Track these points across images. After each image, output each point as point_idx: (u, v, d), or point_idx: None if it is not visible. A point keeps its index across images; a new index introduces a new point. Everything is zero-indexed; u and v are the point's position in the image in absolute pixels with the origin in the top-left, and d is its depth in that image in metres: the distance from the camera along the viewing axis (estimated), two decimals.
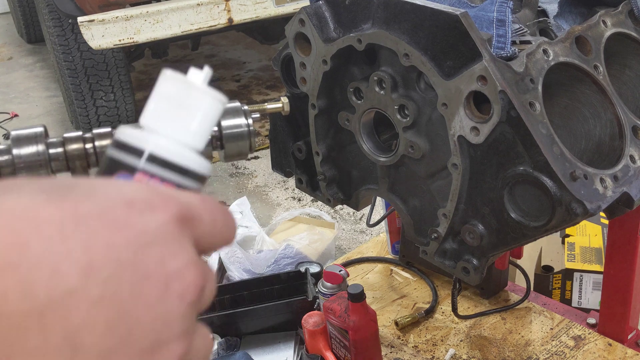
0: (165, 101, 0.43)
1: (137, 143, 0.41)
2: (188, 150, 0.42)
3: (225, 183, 3.43)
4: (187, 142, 0.43)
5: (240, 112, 0.58)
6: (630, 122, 0.99)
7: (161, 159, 0.41)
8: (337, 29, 1.09)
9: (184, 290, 0.33)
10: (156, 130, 0.42)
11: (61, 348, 0.29)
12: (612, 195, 0.90)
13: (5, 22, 6.90)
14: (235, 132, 0.58)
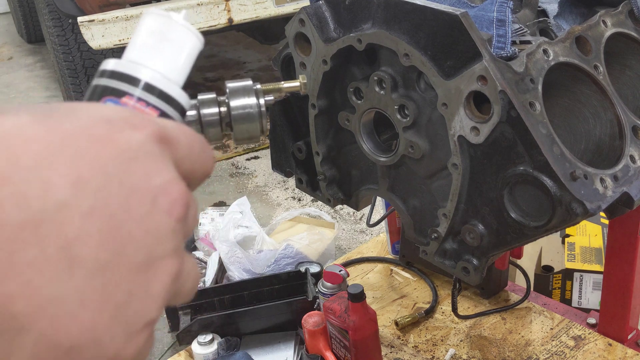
0: (151, 36, 0.45)
1: (132, 72, 0.43)
2: (172, 82, 0.45)
3: (225, 183, 3.43)
4: (171, 75, 0.45)
5: (250, 91, 0.56)
6: (630, 122, 0.99)
7: (151, 86, 0.43)
8: (337, 29, 1.09)
9: (171, 205, 0.33)
10: (143, 63, 0.44)
11: (58, 259, 0.30)
12: (612, 195, 0.90)
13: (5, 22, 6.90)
14: (244, 113, 0.56)
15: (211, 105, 0.56)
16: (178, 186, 0.34)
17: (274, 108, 1.25)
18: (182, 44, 0.45)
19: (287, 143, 1.28)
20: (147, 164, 0.33)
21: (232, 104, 0.56)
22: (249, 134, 0.57)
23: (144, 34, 0.45)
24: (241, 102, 0.56)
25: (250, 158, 3.68)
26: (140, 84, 0.43)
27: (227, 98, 0.56)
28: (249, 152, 3.75)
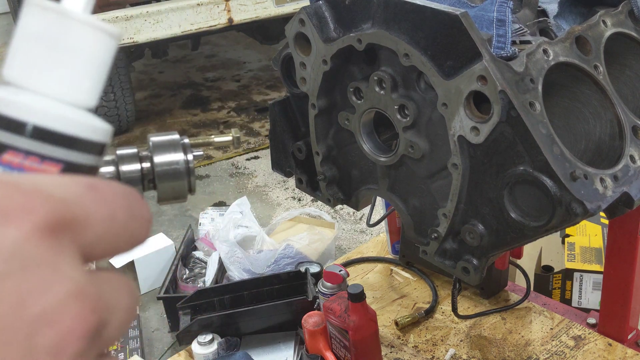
0: (36, 43, 0.31)
1: (11, 111, 0.30)
2: (75, 110, 0.32)
3: (225, 183, 3.43)
4: (72, 99, 0.32)
5: (177, 145, 0.49)
6: (630, 122, 0.99)
7: (43, 130, 0.30)
8: (337, 29, 1.09)
9: (60, 342, 0.23)
10: (27, 86, 0.31)
11: None
12: (612, 195, 0.90)
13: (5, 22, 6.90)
14: (170, 170, 0.49)
15: (132, 161, 0.49)
16: (76, 305, 0.24)
17: (274, 108, 1.25)
18: (86, 48, 0.32)
19: (287, 143, 1.28)
20: (21, 279, 0.23)
21: (157, 159, 0.49)
22: (175, 193, 0.50)
23: (27, 39, 0.31)
24: (167, 158, 0.49)
25: (250, 158, 3.68)
26: (26, 129, 0.30)
27: (150, 153, 0.49)
28: (249, 152, 3.75)
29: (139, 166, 0.49)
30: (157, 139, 0.49)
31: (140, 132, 4.11)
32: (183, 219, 3.09)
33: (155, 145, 0.49)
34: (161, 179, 0.49)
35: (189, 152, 0.49)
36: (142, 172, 0.48)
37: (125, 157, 0.48)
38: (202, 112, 4.37)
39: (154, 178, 0.49)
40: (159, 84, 4.90)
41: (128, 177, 0.48)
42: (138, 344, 2.24)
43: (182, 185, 0.49)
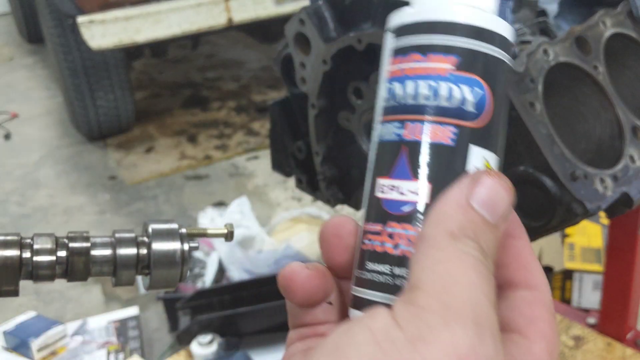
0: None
1: None
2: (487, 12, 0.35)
3: (225, 183, 3.43)
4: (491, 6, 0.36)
5: (175, 234, 0.50)
6: (630, 122, 0.99)
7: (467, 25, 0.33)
8: (337, 29, 1.09)
9: None
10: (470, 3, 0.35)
11: None
12: (611, 195, 0.90)
13: (6, 22, 6.90)
14: (166, 257, 0.50)
15: (129, 245, 0.50)
16: None
17: (274, 108, 1.25)
18: None
19: (287, 143, 1.28)
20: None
21: (155, 246, 0.50)
22: (167, 282, 0.51)
23: None
24: (164, 246, 0.50)
25: (250, 158, 3.68)
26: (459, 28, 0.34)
27: (147, 239, 0.50)
28: (249, 152, 3.75)
29: (136, 251, 0.50)
30: (157, 226, 0.51)
31: (140, 132, 4.11)
32: (183, 219, 3.09)
33: (155, 233, 0.50)
34: (157, 265, 0.50)
35: (186, 242, 0.50)
36: (137, 257, 0.50)
37: (123, 240, 0.50)
38: (202, 112, 4.37)
39: (149, 264, 0.50)
40: (159, 84, 4.90)
41: (124, 260, 0.49)
42: (138, 344, 2.24)
43: (175, 273, 0.50)
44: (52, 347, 2.14)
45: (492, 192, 0.33)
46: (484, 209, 0.33)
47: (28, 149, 4.07)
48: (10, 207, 3.40)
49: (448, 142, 0.33)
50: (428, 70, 0.34)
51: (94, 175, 3.65)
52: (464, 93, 0.33)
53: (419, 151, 0.33)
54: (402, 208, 0.33)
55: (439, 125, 0.33)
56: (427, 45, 0.34)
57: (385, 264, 0.34)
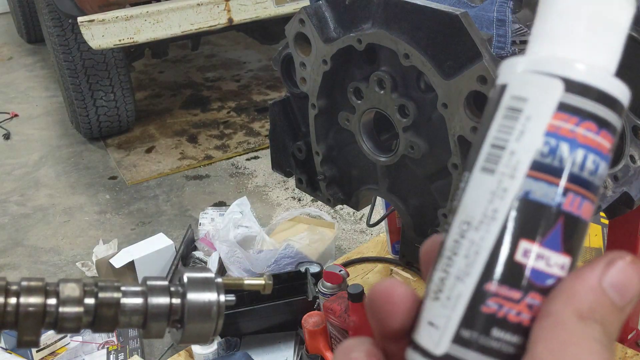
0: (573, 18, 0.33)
1: None
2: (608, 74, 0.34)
3: (225, 183, 3.43)
4: (604, 65, 0.34)
5: (212, 284, 0.46)
6: (630, 122, 0.99)
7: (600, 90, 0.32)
8: (337, 29, 1.09)
9: None
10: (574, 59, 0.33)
11: None
12: (612, 195, 0.90)
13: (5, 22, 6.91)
14: (201, 310, 0.46)
15: (162, 294, 0.46)
16: None
17: (274, 108, 1.25)
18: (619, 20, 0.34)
19: (287, 143, 1.28)
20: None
21: (190, 297, 0.46)
22: (199, 336, 0.47)
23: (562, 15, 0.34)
24: (200, 297, 0.46)
25: (250, 158, 3.68)
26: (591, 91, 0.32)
27: (182, 289, 0.46)
28: (249, 152, 3.75)
29: (169, 301, 0.46)
30: (192, 275, 0.47)
31: (140, 132, 4.11)
32: (183, 219, 3.09)
33: (190, 282, 0.46)
34: (191, 318, 0.46)
35: (222, 293, 0.47)
36: (170, 308, 0.46)
37: (155, 288, 0.46)
38: (202, 112, 4.37)
39: (183, 316, 0.46)
40: (159, 84, 4.90)
41: (155, 311, 0.45)
42: (138, 344, 2.24)
43: (210, 327, 0.46)
44: (52, 347, 2.14)
45: (624, 276, 0.33)
46: (614, 291, 0.32)
47: (28, 149, 4.07)
48: (10, 207, 3.40)
49: (587, 219, 0.33)
50: (598, 145, 0.32)
51: (94, 175, 3.65)
52: (600, 168, 0.33)
53: (576, 226, 0.32)
54: (547, 281, 0.32)
55: (589, 202, 0.32)
56: (603, 119, 0.32)
57: (519, 335, 0.32)
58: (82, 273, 2.75)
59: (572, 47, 0.33)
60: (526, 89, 0.33)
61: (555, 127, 0.32)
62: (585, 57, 0.33)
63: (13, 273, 2.83)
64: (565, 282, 0.32)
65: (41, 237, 3.09)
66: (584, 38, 0.33)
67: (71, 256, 2.90)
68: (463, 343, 0.32)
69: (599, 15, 0.33)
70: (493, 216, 0.32)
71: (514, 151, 0.32)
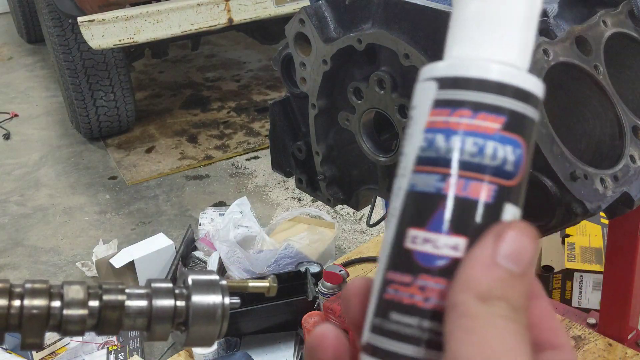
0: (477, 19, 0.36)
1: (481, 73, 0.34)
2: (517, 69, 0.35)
3: (225, 183, 3.43)
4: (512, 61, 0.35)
5: (217, 287, 0.46)
6: (630, 122, 0.99)
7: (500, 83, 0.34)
8: (337, 29, 1.09)
9: None
10: (475, 57, 0.35)
11: None
12: (612, 195, 0.90)
13: (5, 22, 6.91)
14: (206, 312, 0.46)
15: (166, 296, 0.46)
16: None
17: (274, 108, 1.25)
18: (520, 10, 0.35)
19: (287, 143, 1.28)
20: None
21: (195, 299, 0.45)
22: (204, 339, 0.47)
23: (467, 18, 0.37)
24: (204, 299, 0.46)
25: (250, 158, 3.68)
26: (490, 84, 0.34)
27: (186, 291, 0.46)
28: (248, 152, 3.75)
29: (173, 303, 0.45)
30: (197, 277, 0.47)
31: (140, 132, 4.11)
32: (183, 219, 3.09)
33: (195, 284, 0.46)
34: (196, 320, 0.46)
35: (227, 296, 0.46)
36: (175, 311, 0.45)
37: (159, 291, 0.46)
38: (202, 112, 4.37)
39: (188, 319, 0.46)
40: (159, 84, 4.90)
41: (160, 313, 0.45)
42: (138, 344, 2.24)
43: (215, 330, 0.46)
44: (52, 347, 2.14)
45: (516, 244, 0.33)
46: (510, 262, 0.33)
47: (28, 149, 4.07)
48: (10, 207, 3.40)
49: (488, 200, 0.34)
50: (477, 128, 0.34)
51: (94, 175, 3.65)
52: (506, 153, 0.34)
53: (459, 207, 0.33)
54: (437, 262, 0.33)
55: (479, 182, 0.33)
56: (478, 102, 0.34)
57: (414, 316, 0.34)
58: (82, 273, 2.75)
59: (456, 46, 0.38)
60: (416, 97, 0.36)
61: (432, 122, 0.34)
62: (459, 52, 0.37)
63: (13, 273, 2.83)
64: (461, 267, 0.33)
65: (41, 237, 3.09)
66: (467, 35, 0.37)
67: (71, 256, 2.90)
68: (375, 330, 0.35)
69: (481, 11, 0.36)
70: (393, 213, 0.35)
71: (406, 153, 0.35)
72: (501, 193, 0.34)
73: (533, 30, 0.36)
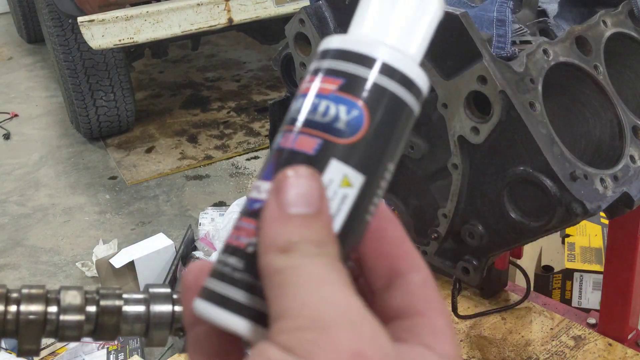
0: (381, 5, 0.40)
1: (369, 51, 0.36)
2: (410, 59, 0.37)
3: (225, 183, 3.43)
4: (411, 52, 0.38)
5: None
6: (630, 122, 0.99)
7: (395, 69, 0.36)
8: (337, 29, 1.09)
9: None
10: (378, 38, 0.38)
11: None
12: (612, 195, 0.90)
13: (5, 22, 6.90)
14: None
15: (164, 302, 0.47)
16: None
17: (274, 108, 1.25)
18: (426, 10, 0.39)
19: None
20: None
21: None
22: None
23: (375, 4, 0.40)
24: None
25: (250, 158, 3.68)
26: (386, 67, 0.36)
27: None
28: (249, 152, 3.75)
29: (171, 308, 0.46)
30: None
31: (140, 132, 4.11)
32: (183, 219, 3.09)
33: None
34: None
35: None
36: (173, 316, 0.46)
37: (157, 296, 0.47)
38: (202, 112, 4.37)
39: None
40: (159, 84, 4.90)
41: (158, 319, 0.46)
42: (138, 344, 2.24)
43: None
44: (52, 347, 2.14)
45: (297, 189, 0.34)
46: (299, 207, 0.33)
47: (28, 149, 4.07)
48: (10, 207, 3.40)
49: (309, 152, 0.35)
50: (316, 89, 0.37)
51: (94, 175, 3.65)
52: (339, 112, 0.36)
53: (285, 157, 0.36)
54: (254, 205, 0.35)
55: (307, 136, 0.36)
56: (322, 68, 0.37)
57: (236, 257, 0.35)
58: (82, 273, 2.75)
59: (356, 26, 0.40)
60: None
61: (299, 90, 0.39)
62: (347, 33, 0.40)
63: (13, 273, 2.83)
64: (258, 229, 0.34)
65: (41, 237, 3.09)
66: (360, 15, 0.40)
67: (71, 256, 2.90)
68: (211, 273, 0.36)
69: None
70: None
71: None
72: (326, 148, 0.35)
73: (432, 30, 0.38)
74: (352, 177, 0.36)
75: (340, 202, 0.35)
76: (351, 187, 0.35)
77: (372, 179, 0.36)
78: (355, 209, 0.36)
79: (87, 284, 2.68)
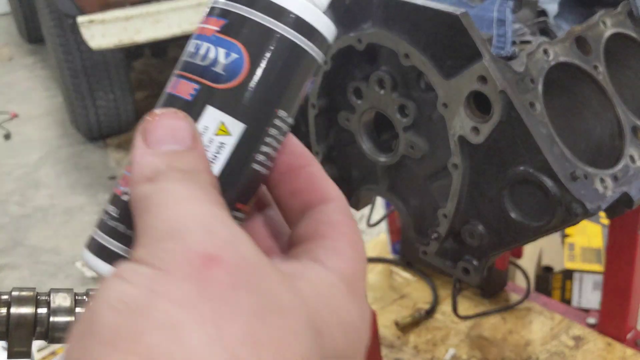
0: None
1: None
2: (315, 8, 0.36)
3: None
4: None
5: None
6: (630, 122, 0.99)
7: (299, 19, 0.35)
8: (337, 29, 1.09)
9: None
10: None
11: None
12: (612, 195, 0.90)
13: (6, 22, 6.90)
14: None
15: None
16: None
17: None
18: None
19: None
20: None
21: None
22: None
23: None
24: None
25: None
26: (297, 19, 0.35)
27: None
28: None
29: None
30: None
31: None
32: None
33: None
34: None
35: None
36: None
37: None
38: None
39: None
40: (159, 84, 4.89)
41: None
42: None
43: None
44: (52, 347, 2.14)
45: (164, 128, 0.33)
46: (168, 145, 0.33)
47: (28, 149, 4.07)
48: (10, 207, 3.40)
49: (186, 97, 0.34)
50: (201, 30, 0.35)
51: (94, 175, 3.65)
52: (218, 55, 0.34)
53: (167, 103, 0.35)
54: None
55: (186, 80, 0.35)
56: (212, 8, 0.35)
57: (114, 206, 0.35)
58: (82, 273, 2.75)
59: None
60: None
61: None
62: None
63: (13, 273, 2.83)
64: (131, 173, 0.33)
65: (41, 237, 3.09)
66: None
67: (71, 256, 2.90)
68: (97, 225, 0.35)
69: None
70: None
71: None
72: (202, 93, 0.34)
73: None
74: (230, 125, 0.34)
75: (216, 151, 0.33)
76: (229, 136, 0.34)
77: (255, 127, 0.34)
78: (236, 157, 0.34)
79: (87, 284, 2.69)
